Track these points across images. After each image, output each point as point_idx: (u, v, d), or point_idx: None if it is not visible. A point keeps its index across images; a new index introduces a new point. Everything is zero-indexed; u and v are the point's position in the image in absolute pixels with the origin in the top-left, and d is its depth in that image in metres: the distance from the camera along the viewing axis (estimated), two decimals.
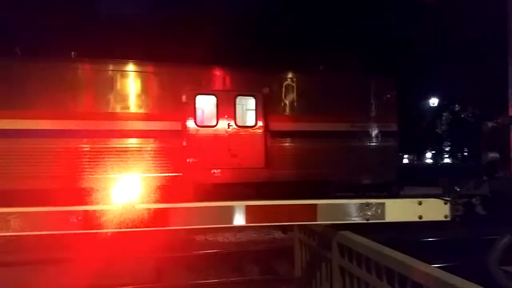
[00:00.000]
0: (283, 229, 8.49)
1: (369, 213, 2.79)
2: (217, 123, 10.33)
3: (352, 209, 2.83)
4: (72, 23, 20.70)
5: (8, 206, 2.63)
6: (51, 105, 9.26)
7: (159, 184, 9.18)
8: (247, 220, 3.10)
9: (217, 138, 10.23)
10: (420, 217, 2.86)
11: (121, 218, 2.81)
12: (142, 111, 9.89)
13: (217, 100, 10.39)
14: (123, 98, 9.82)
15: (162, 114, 9.94)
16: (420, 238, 7.92)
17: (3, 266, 6.77)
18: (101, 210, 2.74)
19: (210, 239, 8.33)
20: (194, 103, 10.18)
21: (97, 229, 2.73)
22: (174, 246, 7.66)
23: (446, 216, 2.83)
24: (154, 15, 22.15)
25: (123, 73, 9.90)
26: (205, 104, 10.67)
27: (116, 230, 2.79)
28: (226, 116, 10.36)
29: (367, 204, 2.79)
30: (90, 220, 2.69)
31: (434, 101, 40.10)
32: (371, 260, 2.54)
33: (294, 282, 4.01)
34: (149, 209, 2.86)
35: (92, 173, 9.24)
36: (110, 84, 9.73)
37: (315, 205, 3.05)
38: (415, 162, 45.48)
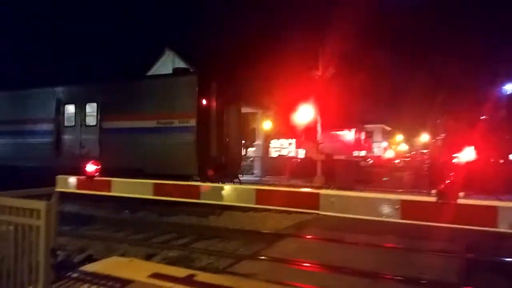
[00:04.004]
0: None
1: None
2: (74, 123, 14.29)
3: None
4: None
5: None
6: None
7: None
8: None
9: (74, 133, 14.22)
10: None
11: (440, 212, 2.62)
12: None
13: (75, 107, 14.28)
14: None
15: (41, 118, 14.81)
16: None
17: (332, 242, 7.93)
18: (419, 201, 2.64)
19: None
20: (63, 110, 14.49)
21: (412, 220, 2.66)
22: (485, 249, 6.75)
23: None
24: None
25: None
26: (70, 110, 14.47)
27: (433, 224, 2.62)
28: (79, 118, 14.19)
29: None
30: (408, 210, 2.65)
31: None
32: None
33: None
34: (474, 205, 2.53)
35: None
36: None
37: None
38: None
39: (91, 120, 14.01)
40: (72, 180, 4.63)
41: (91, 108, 14.03)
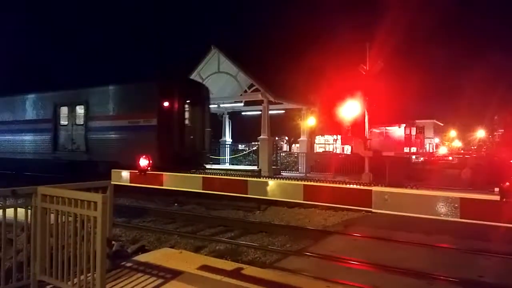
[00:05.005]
0: None
1: None
2: (67, 122, 16.43)
3: None
4: None
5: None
6: None
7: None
8: None
9: (67, 131, 16.40)
10: None
11: (504, 211, 2.41)
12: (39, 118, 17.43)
13: (68, 108, 16.44)
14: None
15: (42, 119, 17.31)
16: None
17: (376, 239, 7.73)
18: (481, 199, 2.45)
19: None
20: (59, 111, 16.67)
21: (473, 220, 2.48)
22: None
23: None
24: None
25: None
26: (64, 111, 16.61)
27: (495, 223, 2.42)
28: (71, 118, 16.30)
29: None
30: (467, 209, 2.47)
31: None
32: None
33: None
34: None
35: None
36: None
37: None
38: None
39: (80, 120, 16.18)
40: (126, 174, 4.86)
41: (80, 110, 16.22)
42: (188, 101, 15.47)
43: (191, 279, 4.31)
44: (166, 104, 14.45)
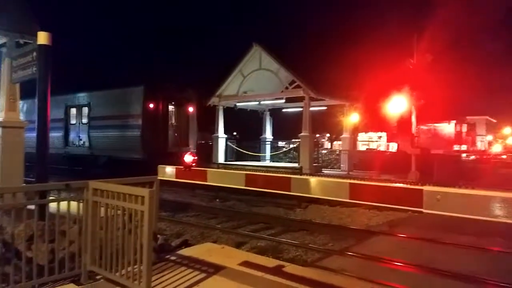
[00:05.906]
0: None
1: None
2: (75, 121, 19.18)
3: None
4: None
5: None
6: None
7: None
8: None
9: (75, 129, 19.15)
10: None
11: None
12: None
13: (76, 109, 19.19)
14: None
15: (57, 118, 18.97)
16: None
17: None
18: None
19: None
20: (69, 112, 19.45)
21: None
22: None
23: None
24: None
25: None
26: (73, 112, 19.33)
27: None
28: (78, 118, 19.04)
29: None
30: None
31: None
32: None
33: None
34: None
35: None
36: None
37: None
38: None
39: (84, 119, 18.75)
40: (171, 169, 4.97)
41: (85, 111, 18.78)
42: (173, 103, 17.72)
43: (233, 275, 4.35)
44: (151, 105, 16.60)
